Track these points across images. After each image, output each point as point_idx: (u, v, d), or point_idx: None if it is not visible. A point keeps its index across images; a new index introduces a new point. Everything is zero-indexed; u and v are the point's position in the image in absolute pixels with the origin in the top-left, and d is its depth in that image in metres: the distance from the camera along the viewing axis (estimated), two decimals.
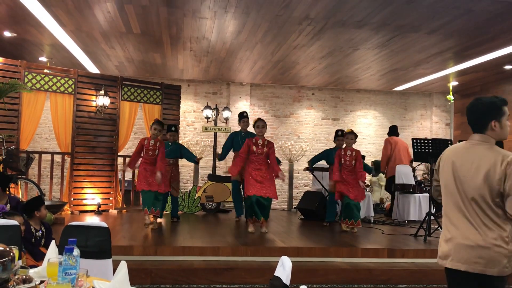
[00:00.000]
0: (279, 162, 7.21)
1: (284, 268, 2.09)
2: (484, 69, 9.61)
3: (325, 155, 8.02)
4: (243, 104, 11.79)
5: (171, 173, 7.46)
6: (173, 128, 7.65)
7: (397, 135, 9.60)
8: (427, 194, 8.23)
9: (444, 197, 2.69)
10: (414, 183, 8.88)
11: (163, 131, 7.01)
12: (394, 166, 9.10)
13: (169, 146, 7.44)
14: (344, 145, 7.25)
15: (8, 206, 4.90)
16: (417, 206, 8.52)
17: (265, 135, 6.71)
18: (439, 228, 6.61)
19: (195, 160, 7.88)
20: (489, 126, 2.58)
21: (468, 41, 7.71)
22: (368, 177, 10.92)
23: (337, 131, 7.88)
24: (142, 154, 6.75)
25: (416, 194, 8.55)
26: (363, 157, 7.94)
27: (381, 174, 10.59)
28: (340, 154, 7.15)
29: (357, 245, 5.81)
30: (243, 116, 7.74)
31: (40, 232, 4.32)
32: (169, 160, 7.33)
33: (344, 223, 7.03)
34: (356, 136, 7.15)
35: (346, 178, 7.04)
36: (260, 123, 6.60)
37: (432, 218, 6.61)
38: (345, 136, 7.22)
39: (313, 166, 8.40)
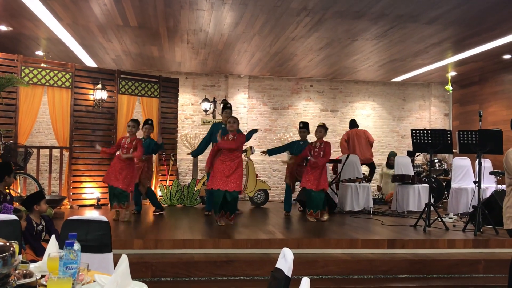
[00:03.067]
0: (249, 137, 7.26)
1: (285, 260, 2.09)
2: (483, 58, 9.59)
3: (288, 146, 8.23)
4: (241, 97, 11.76)
5: (143, 169, 7.44)
6: (149, 122, 7.63)
7: (357, 126, 10.17)
8: (427, 185, 8.24)
9: None
10: (413, 174, 8.90)
11: (138, 127, 7.07)
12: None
13: (144, 141, 7.40)
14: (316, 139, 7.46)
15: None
16: (416, 196, 8.55)
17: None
18: (439, 218, 6.63)
19: (161, 144, 7.82)
20: None
21: (467, 30, 7.68)
22: (379, 170, 11.02)
23: (299, 123, 8.12)
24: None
25: (416, 185, 8.57)
26: None
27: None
28: (310, 148, 7.40)
29: (357, 236, 5.82)
30: (226, 107, 7.69)
31: (41, 226, 4.32)
32: (142, 156, 7.31)
33: (309, 214, 7.30)
34: (325, 129, 7.43)
35: (311, 170, 7.25)
36: (231, 119, 6.64)
37: (432, 208, 6.62)
38: (316, 129, 7.45)
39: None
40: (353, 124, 10.22)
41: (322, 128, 7.39)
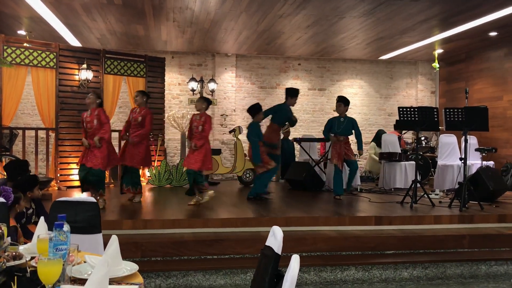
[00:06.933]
0: None
1: (275, 238, 2.11)
2: (469, 36, 9.61)
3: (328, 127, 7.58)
4: (228, 76, 11.68)
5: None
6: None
7: None
8: (413, 162, 8.33)
9: None
10: (400, 151, 8.98)
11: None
12: None
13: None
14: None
15: None
16: (403, 174, 8.65)
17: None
18: (425, 195, 6.72)
19: None
20: None
21: (454, 8, 7.67)
22: (371, 150, 11.03)
23: (337, 97, 7.67)
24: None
25: (402, 162, 8.66)
26: None
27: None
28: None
29: (345, 213, 5.89)
30: (297, 94, 7.45)
31: (31, 209, 4.28)
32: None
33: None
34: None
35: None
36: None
37: (418, 185, 6.70)
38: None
39: (300, 138, 8.44)
40: None
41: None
